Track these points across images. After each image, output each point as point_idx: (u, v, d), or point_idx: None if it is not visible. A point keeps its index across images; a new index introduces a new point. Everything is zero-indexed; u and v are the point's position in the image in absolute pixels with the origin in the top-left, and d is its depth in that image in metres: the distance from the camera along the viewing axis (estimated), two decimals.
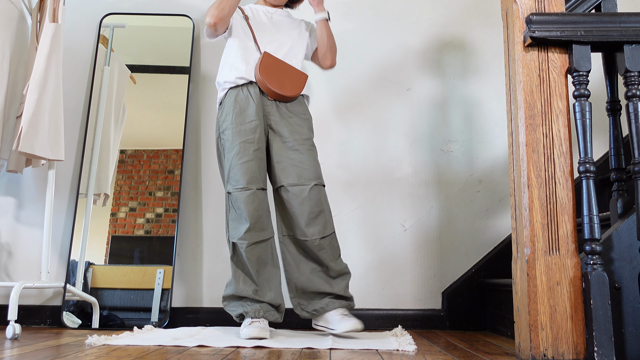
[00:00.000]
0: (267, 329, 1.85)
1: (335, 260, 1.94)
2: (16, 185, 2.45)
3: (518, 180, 1.51)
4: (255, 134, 1.94)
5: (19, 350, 1.57)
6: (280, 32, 2.09)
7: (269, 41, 2.05)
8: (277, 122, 1.98)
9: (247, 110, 1.96)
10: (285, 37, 2.09)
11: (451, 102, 2.49)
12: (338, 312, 1.90)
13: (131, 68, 2.52)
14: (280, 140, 1.97)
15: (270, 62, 1.98)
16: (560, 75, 1.52)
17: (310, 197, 1.90)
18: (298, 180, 1.91)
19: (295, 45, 2.10)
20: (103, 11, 2.57)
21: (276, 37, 2.07)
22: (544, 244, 1.44)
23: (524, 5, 1.54)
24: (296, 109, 2.03)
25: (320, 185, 1.95)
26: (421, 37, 2.54)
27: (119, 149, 2.44)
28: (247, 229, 1.88)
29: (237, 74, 2.00)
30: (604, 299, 1.37)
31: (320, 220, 1.91)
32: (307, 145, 1.98)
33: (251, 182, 1.90)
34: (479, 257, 2.36)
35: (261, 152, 1.96)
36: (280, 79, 1.98)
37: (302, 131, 1.99)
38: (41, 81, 2.08)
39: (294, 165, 1.93)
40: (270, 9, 2.16)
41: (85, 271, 2.30)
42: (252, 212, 1.89)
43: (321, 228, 1.91)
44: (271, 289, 1.93)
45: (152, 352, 1.54)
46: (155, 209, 2.37)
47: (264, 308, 1.89)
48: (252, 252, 1.89)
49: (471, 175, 2.43)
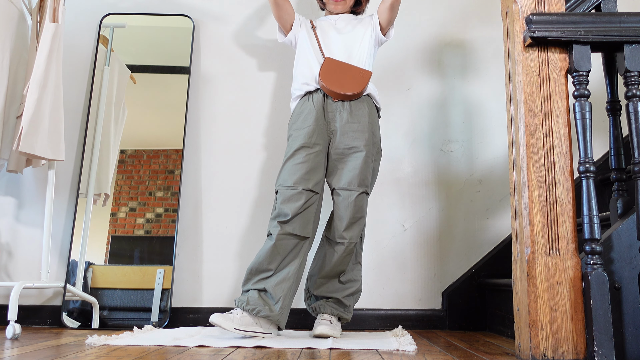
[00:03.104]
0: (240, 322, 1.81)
1: (352, 264, 2.02)
2: (16, 185, 2.45)
3: (518, 180, 1.51)
4: (312, 138, 1.98)
5: (19, 350, 1.57)
6: (343, 34, 2.11)
7: (333, 46, 2.08)
8: (338, 128, 2.00)
9: (308, 116, 2.01)
10: (349, 38, 2.10)
11: (451, 102, 2.49)
12: (324, 317, 1.95)
13: (131, 68, 2.52)
14: (338, 146, 2.00)
15: (332, 66, 2.01)
16: (560, 75, 1.52)
17: (356, 203, 1.95)
18: (348, 185, 1.96)
19: (359, 42, 2.09)
20: (103, 11, 2.57)
21: (340, 40, 2.09)
22: (544, 244, 1.44)
23: (524, 5, 1.54)
24: (359, 113, 2.01)
25: (366, 193, 1.98)
26: (421, 37, 2.54)
27: (119, 149, 2.44)
28: (286, 220, 1.90)
29: (302, 80, 2.06)
30: (604, 299, 1.37)
31: (359, 226, 1.98)
32: (365, 152, 1.97)
33: (297, 183, 1.93)
34: (479, 257, 2.36)
35: (316, 157, 1.98)
36: (342, 79, 2.00)
37: (362, 137, 1.98)
38: (41, 81, 2.08)
39: (348, 171, 1.97)
40: (334, 16, 2.18)
41: (85, 271, 2.30)
42: (294, 209, 1.90)
43: (357, 233, 1.97)
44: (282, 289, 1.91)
45: (152, 352, 1.54)
46: (155, 209, 2.37)
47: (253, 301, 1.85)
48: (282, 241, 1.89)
49: (471, 175, 2.43)
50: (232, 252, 2.39)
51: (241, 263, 2.37)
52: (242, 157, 2.47)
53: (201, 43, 2.57)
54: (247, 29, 2.57)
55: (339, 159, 2.00)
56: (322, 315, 1.97)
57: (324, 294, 1.99)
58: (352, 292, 2.00)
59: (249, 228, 2.41)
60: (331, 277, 1.99)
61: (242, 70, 2.54)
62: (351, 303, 2.01)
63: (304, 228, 1.93)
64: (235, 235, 2.40)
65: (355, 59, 2.06)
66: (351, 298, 2.01)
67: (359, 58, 2.07)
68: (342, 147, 1.98)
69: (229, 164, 2.46)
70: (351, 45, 2.08)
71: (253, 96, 2.51)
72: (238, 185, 2.44)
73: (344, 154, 1.99)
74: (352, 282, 2.01)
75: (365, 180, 1.97)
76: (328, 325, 1.91)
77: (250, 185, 2.44)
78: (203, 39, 2.57)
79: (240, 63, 2.54)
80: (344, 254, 1.95)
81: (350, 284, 2.01)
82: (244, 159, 2.46)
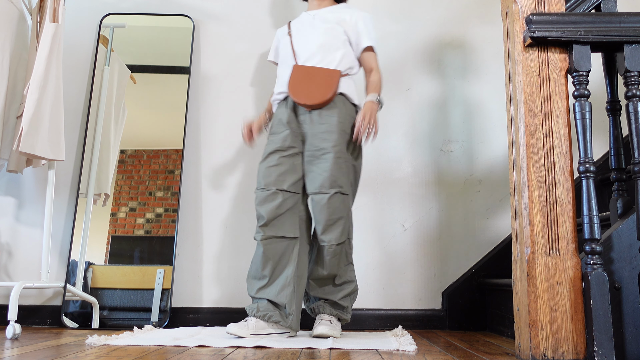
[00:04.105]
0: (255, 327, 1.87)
1: (344, 266, 1.99)
2: (16, 185, 2.45)
3: (518, 180, 1.51)
4: (286, 142, 1.99)
5: (19, 350, 1.57)
6: (320, 31, 2.05)
7: (308, 46, 2.04)
8: (308, 131, 2.00)
9: (282, 121, 2.02)
10: (322, 37, 2.03)
11: (451, 102, 2.49)
12: (323, 317, 1.95)
13: (131, 68, 2.52)
14: (309, 149, 1.99)
15: (300, 75, 2.00)
16: (560, 75, 1.52)
17: (330, 204, 1.92)
18: (320, 188, 1.93)
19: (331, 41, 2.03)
20: (103, 11, 2.57)
21: (316, 37, 2.04)
22: (544, 244, 1.44)
23: (524, 5, 1.54)
24: (328, 114, 1.98)
25: (341, 193, 1.94)
26: (421, 37, 2.54)
27: (119, 149, 2.44)
28: (264, 223, 1.93)
29: (278, 88, 2.08)
30: (604, 299, 1.37)
31: (338, 227, 1.94)
32: (334, 153, 1.94)
33: (270, 184, 1.95)
34: (479, 257, 2.36)
35: (290, 159, 1.99)
36: (309, 87, 1.97)
37: (329, 138, 1.95)
38: (41, 81, 2.08)
39: (318, 174, 1.95)
40: (314, 11, 2.13)
41: (85, 271, 2.30)
42: (269, 210, 1.92)
43: (338, 235, 1.94)
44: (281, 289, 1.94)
45: (152, 352, 1.54)
46: (155, 209, 2.37)
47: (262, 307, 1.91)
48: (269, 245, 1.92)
49: (471, 175, 2.44)
50: (232, 252, 2.39)
51: (241, 263, 2.37)
52: (242, 157, 2.47)
53: (201, 43, 2.56)
54: (247, 28, 2.57)
55: (310, 161, 1.98)
56: (321, 315, 1.97)
57: (321, 295, 1.99)
58: (348, 293, 2.00)
59: (249, 228, 2.41)
60: (324, 280, 1.99)
61: (242, 70, 2.54)
62: (348, 304, 2.01)
63: (289, 228, 1.94)
64: (235, 235, 2.40)
65: (329, 59, 2.01)
66: (348, 299, 2.01)
67: (333, 57, 2.01)
68: (312, 150, 1.97)
69: (228, 163, 2.46)
70: (326, 42, 2.03)
71: (253, 96, 2.51)
72: (238, 185, 2.44)
73: (314, 156, 1.96)
74: (346, 284, 2.01)
75: (338, 181, 1.93)
76: (328, 325, 1.91)
77: (250, 185, 2.44)
78: (203, 39, 2.57)
79: (240, 63, 2.54)
80: (329, 257, 1.93)
81: (344, 285, 2.00)
82: (244, 159, 2.46)
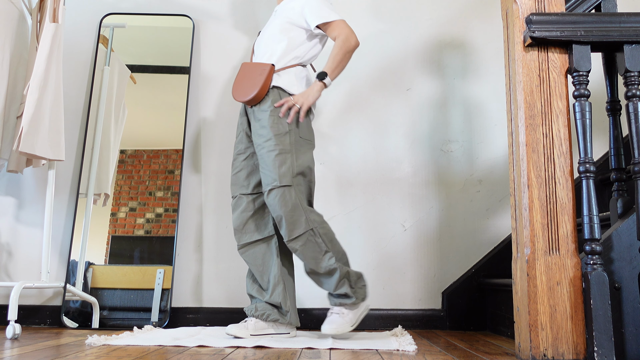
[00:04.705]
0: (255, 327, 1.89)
1: (317, 259, 1.87)
2: (16, 185, 2.45)
3: (518, 180, 1.51)
4: (241, 144, 2.05)
5: (19, 350, 1.57)
6: (269, 28, 2.03)
7: (258, 45, 2.06)
8: (252, 131, 1.99)
9: (239, 123, 2.08)
10: (271, 32, 2.01)
11: (451, 102, 2.49)
12: (333, 310, 1.93)
13: (131, 68, 2.52)
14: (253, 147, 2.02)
15: (241, 73, 2.01)
16: (560, 75, 1.52)
17: (269, 203, 1.87)
18: (263, 188, 1.90)
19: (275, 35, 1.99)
20: (103, 11, 2.57)
21: (264, 37, 2.04)
22: (544, 244, 1.44)
23: (524, 5, 1.54)
24: (260, 109, 1.94)
25: (277, 187, 1.84)
26: (421, 37, 2.54)
27: (119, 149, 2.44)
28: (235, 231, 2.01)
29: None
30: (604, 299, 1.37)
31: (283, 225, 1.85)
32: (267, 147, 1.89)
33: (236, 191, 2.03)
34: (479, 257, 2.36)
35: (250, 160, 2.04)
36: (244, 84, 1.96)
37: (262, 133, 1.91)
38: (41, 81, 2.08)
39: (260, 174, 1.94)
40: (276, 7, 2.11)
41: (85, 271, 2.30)
42: (235, 217, 2.01)
43: (287, 232, 1.85)
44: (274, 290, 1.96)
45: (152, 352, 1.54)
46: (155, 209, 2.37)
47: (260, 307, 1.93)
48: (246, 253, 2.00)
49: (471, 175, 2.44)
50: (232, 252, 2.39)
51: (241, 263, 2.37)
52: None
53: (201, 43, 2.56)
54: (247, 28, 2.57)
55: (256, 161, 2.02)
56: (331, 308, 1.93)
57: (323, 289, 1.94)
58: (337, 279, 1.87)
59: None
60: (313, 274, 1.92)
61: None
62: (346, 290, 1.88)
63: (261, 229, 1.99)
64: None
65: (269, 52, 1.98)
66: (342, 286, 1.88)
67: (273, 51, 1.97)
68: (255, 148, 1.95)
69: (228, 164, 2.45)
70: (270, 36, 2.00)
71: None
72: None
73: (258, 155, 1.94)
74: (330, 273, 1.87)
75: (272, 174, 1.85)
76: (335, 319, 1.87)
77: None
78: (203, 39, 2.57)
79: (240, 63, 2.54)
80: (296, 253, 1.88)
81: (329, 274, 1.87)
82: None
